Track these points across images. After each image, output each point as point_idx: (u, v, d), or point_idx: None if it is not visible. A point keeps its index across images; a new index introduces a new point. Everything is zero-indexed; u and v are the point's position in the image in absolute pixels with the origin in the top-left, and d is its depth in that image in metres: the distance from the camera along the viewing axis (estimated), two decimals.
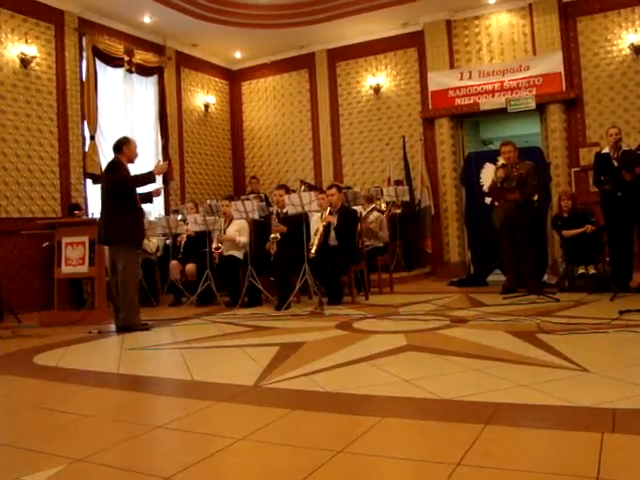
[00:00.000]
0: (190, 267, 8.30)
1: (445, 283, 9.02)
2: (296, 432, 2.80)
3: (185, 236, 8.70)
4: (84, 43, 10.16)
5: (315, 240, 7.38)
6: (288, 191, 8.24)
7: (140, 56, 11.20)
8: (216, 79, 13.49)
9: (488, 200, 8.50)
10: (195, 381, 3.91)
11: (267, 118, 13.49)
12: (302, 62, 13.01)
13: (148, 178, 6.32)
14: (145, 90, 11.58)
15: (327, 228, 7.54)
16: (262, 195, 11.29)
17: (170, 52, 12.06)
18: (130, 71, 11.09)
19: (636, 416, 2.72)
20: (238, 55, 13.13)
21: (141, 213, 6.51)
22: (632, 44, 10.29)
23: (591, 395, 3.01)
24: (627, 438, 2.46)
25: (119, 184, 6.17)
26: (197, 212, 8.95)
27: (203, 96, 13.05)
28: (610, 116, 10.39)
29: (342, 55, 12.60)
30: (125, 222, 6.15)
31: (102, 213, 6.37)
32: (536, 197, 7.43)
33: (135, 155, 6.40)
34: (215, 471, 2.41)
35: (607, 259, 7.32)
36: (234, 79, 13.84)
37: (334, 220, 7.55)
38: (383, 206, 9.53)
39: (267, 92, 13.51)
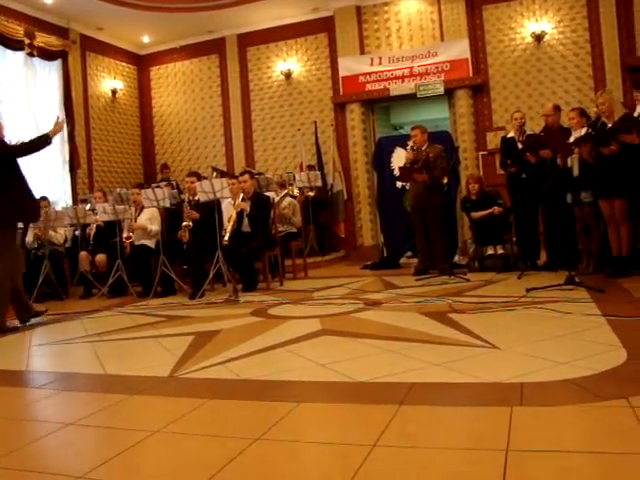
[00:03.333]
0: (100, 258, 8.06)
1: (359, 267, 9.13)
2: (212, 421, 2.77)
3: (94, 226, 8.43)
4: None
5: (228, 227, 7.32)
6: (199, 178, 8.11)
7: (42, 39, 10.72)
8: (123, 64, 13.10)
9: (399, 184, 8.67)
10: (108, 375, 3.81)
11: (177, 104, 13.23)
12: (212, 47, 12.82)
13: (43, 141, 5.76)
14: (48, 75, 11.12)
15: (240, 215, 7.48)
16: (174, 182, 11.12)
17: (74, 35, 11.60)
18: (31, 55, 10.60)
19: (542, 389, 2.85)
20: (146, 39, 12.79)
21: (23, 189, 5.72)
22: (534, 33, 10.69)
23: (500, 371, 3.12)
24: (534, 410, 2.57)
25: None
26: (106, 201, 8.69)
27: (110, 81, 12.65)
28: (515, 101, 10.76)
29: (253, 40, 12.49)
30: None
31: None
32: (445, 180, 7.62)
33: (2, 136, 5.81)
34: (130, 466, 2.35)
35: (514, 239, 7.60)
36: (142, 64, 13.48)
37: (247, 207, 7.50)
38: (296, 191, 9.54)
39: (177, 77, 13.24)
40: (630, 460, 2.05)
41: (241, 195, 7.52)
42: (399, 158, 8.47)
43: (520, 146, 7.16)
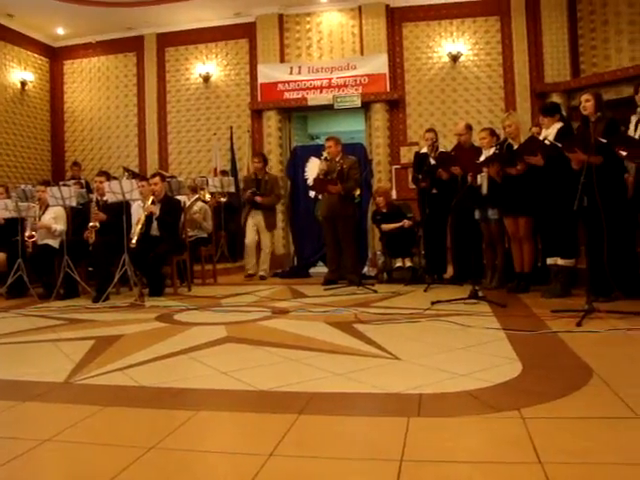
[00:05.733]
0: None
1: (269, 274, 9.10)
2: (107, 430, 2.68)
3: None
4: None
5: (136, 230, 7.14)
6: (109, 178, 7.90)
7: None
8: (35, 55, 12.62)
9: (312, 193, 8.71)
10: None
11: (91, 100, 12.86)
12: (130, 45, 12.55)
13: None
14: None
15: (149, 218, 7.32)
16: (83, 181, 10.77)
17: None
18: None
19: (440, 400, 2.90)
20: (60, 31, 12.36)
21: None
22: (450, 53, 11.02)
23: (400, 382, 3.17)
24: (430, 421, 2.61)
25: None
26: (8, 197, 8.32)
27: (19, 72, 12.15)
28: (429, 118, 11.04)
29: (172, 40, 12.31)
30: None
31: None
32: (358, 192, 7.70)
33: None
34: (15, 478, 2.23)
35: (422, 252, 7.75)
36: (56, 57, 13.03)
37: (156, 210, 7.35)
38: (208, 196, 9.42)
39: (92, 73, 12.88)
40: (518, 469, 2.11)
41: (151, 198, 7.36)
42: (313, 168, 8.52)
43: (432, 162, 7.33)
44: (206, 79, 12.05)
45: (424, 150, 7.72)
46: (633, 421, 2.50)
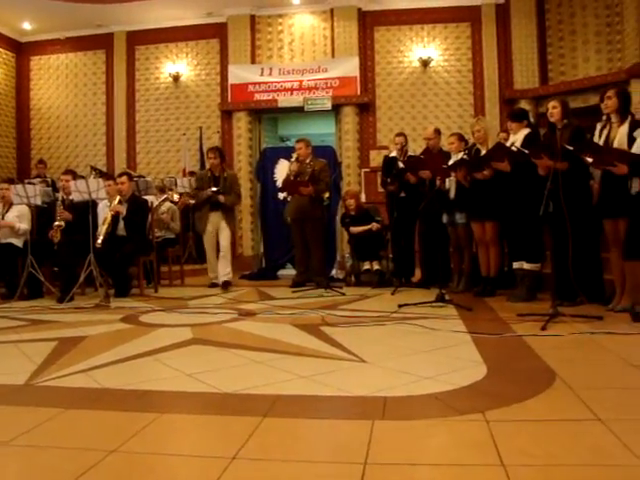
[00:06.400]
0: None
1: (237, 276, 9.05)
2: (67, 433, 2.62)
3: None
4: None
5: (102, 229, 7.05)
6: (75, 176, 7.79)
7: None
8: (0, 49, 12.38)
9: (281, 195, 8.68)
10: None
11: (58, 98, 12.67)
12: (99, 42, 12.39)
13: None
14: None
15: (115, 217, 7.23)
16: (49, 180, 10.60)
17: None
18: None
19: (405, 402, 2.91)
20: (27, 26, 12.14)
21: None
22: (421, 58, 11.10)
23: (366, 385, 3.17)
24: (395, 424, 2.61)
25: None
26: None
27: None
28: (399, 122, 11.10)
29: (142, 39, 12.19)
30: None
31: None
32: (327, 194, 7.71)
33: None
34: None
35: (390, 256, 7.78)
36: (22, 52, 12.80)
37: (123, 209, 7.27)
38: (176, 197, 9.35)
39: (59, 70, 12.69)
40: (480, 472, 2.12)
41: (118, 197, 7.28)
42: (282, 170, 8.50)
43: (401, 165, 7.36)
44: (176, 78, 11.97)
45: (393, 154, 7.75)
46: (594, 423, 2.53)
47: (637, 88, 8.35)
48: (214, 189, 7.73)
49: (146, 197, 8.16)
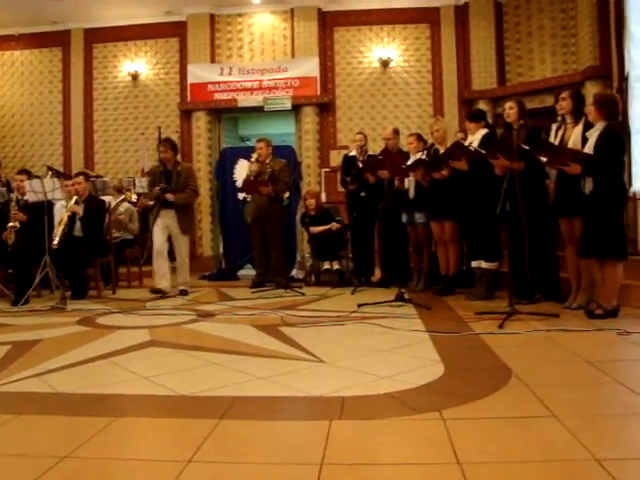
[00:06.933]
0: None
1: (197, 277, 8.98)
2: (19, 439, 2.56)
3: None
4: None
5: (58, 230, 6.93)
6: (30, 176, 7.64)
7: None
8: None
9: (241, 195, 8.65)
10: None
11: (13, 96, 12.36)
12: (56, 39, 12.10)
13: None
14: None
15: (72, 218, 7.11)
16: (3, 180, 10.36)
17: None
18: None
19: (362, 402, 2.91)
20: None
21: None
22: (381, 58, 11.13)
23: (324, 385, 3.16)
24: (352, 424, 2.61)
25: None
26: None
27: None
28: (359, 122, 11.12)
29: (100, 37, 11.95)
30: None
31: None
32: (287, 195, 7.70)
33: None
34: None
35: (350, 255, 7.80)
36: None
37: (79, 210, 7.15)
38: (134, 197, 9.22)
39: (14, 67, 12.38)
40: (436, 470, 2.13)
41: (74, 198, 7.16)
42: (242, 170, 8.47)
43: (360, 165, 7.37)
44: (135, 77, 11.79)
45: (353, 153, 7.77)
46: (549, 419, 2.56)
47: (592, 90, 8.48)
48: (163, 186, 7.03)
49: (104, 197, 8.05)
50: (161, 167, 7.34)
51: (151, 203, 7.40)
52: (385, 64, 11.17)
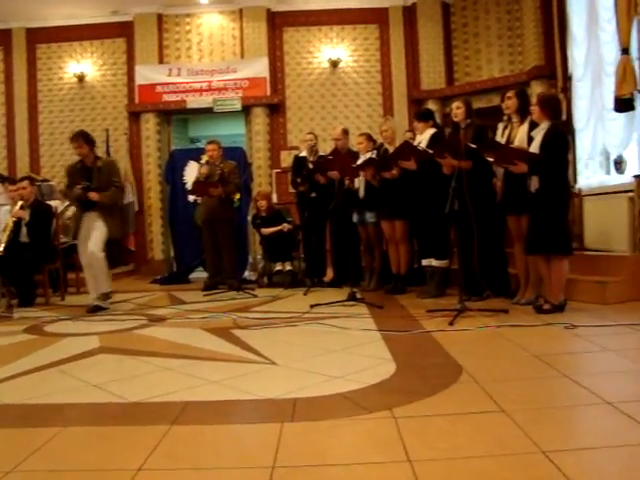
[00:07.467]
0: None
1: (148, 281, 8.88)
2: None
3: None
4: None
5: (4, 236, 6.76)
6: None
7: None
8: None
9: (191, 198, 8.58)
10: None
11: None
12: None
13: None
14: None
15: (17, 224, 6.95)
16: None
17: None
18: None
19: (314, 403, 2.91)
20: None
21: None
22: (330, 58, 11.16)
23: (276, 387, 3.16)
24: (304, 425, 2.62)
25: None
26: None
27: None
28: (309, 122, 11.12)
29: (44, 37, 11.66)
30: None
31: None
32: (238, 196, 7.66)
33: None
34: None
35: (302, 256, 7.80)
36: None
37: (25, 215, 6.99)
38: None
39: None
40: (388, 469, 2.15)
41: (19, 202, 6.99)
42: (192, 172, 8.40)
43: (311, 166, 7.39)
44: (81, 79, 11.56)
45: (303, 153, 7.78)
46: (498, 415, 2.60)
47: (537, 89, 8.65)
48: (85, 184, 6.22)
49: (50, 202, 7.88)
50: (79, 164, 6.56)
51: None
52: (335, 64, 11.20)
